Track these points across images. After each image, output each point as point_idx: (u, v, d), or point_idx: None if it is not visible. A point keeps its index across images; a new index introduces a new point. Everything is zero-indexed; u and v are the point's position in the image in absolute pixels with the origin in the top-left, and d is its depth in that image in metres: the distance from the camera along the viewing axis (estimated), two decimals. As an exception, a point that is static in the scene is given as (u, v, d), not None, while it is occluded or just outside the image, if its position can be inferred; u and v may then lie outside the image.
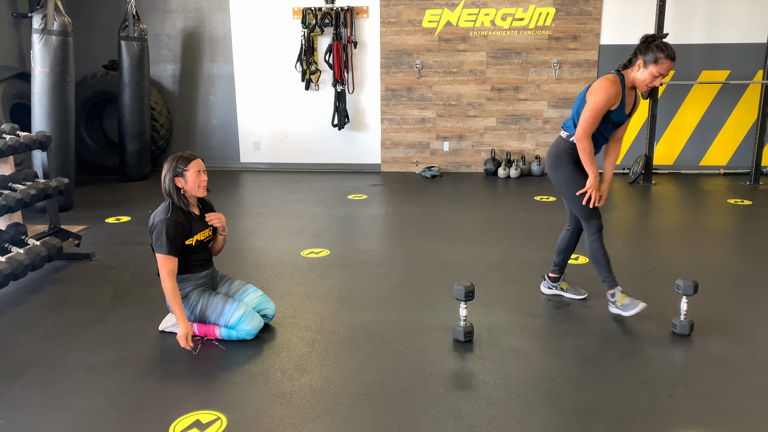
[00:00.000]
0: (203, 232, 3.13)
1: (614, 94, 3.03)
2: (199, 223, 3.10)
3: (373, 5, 6.95)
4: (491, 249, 4.45)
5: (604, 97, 3.03)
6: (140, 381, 2.71)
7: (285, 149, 7.44)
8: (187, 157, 3.05)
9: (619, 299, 3.27)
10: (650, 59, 2.97)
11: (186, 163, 3.02)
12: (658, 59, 2.95)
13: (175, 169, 3.01)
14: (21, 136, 4.14)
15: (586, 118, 3.07)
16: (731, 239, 4.72)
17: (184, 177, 3.01)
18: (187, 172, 3.01)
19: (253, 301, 3.18)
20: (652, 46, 2.98)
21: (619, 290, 3.28)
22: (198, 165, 3.05)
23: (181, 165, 3.01)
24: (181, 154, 3.06)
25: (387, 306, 3.49)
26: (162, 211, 3.01)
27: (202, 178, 3.06)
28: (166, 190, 3.04)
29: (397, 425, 2.38)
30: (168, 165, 3.04)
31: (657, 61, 2.96)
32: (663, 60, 2.95)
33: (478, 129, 7.17)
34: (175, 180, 3.01)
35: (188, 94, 7.45)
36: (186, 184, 3.02)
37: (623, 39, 6.75)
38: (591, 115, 3.06)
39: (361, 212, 5.55)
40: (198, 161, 3.06)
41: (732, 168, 7.02)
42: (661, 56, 2.95)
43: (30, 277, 3.96)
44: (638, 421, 2.39)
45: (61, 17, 5.38)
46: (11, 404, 2.54)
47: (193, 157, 3.05)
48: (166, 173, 3.03)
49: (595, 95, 3.05)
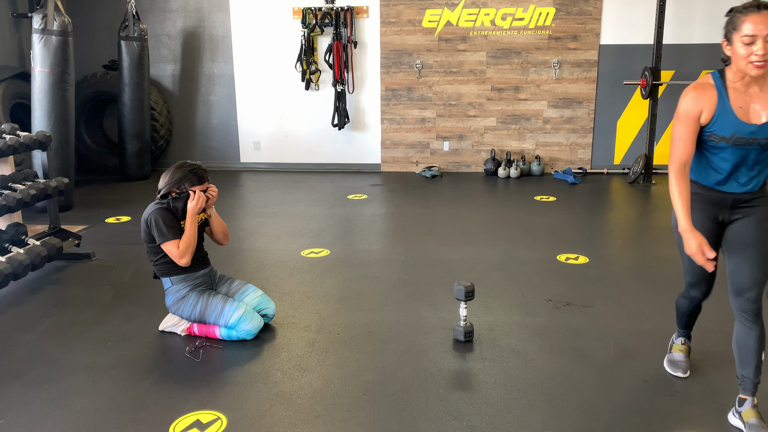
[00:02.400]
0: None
1: (698, 98, 2.14)
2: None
3: (373, 5, 6.95)
4: (491, 249, 4.45)
5: (683, 106, 2.16)
6: (140, 381, 2.71)
7: (285, 149, 7.44)
8: (199, 176, 3.04)
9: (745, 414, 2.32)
10: (729, 30, 2.08)
11: (194, 183, 3.03)
12: (735, 21, 2.04)
13: (182, 183, 3.02)
14: (21, 136, 4.14)
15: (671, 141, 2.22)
16: (731, 239, 4.71)
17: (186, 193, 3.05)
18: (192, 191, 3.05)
19: (253, 301, 3.18)
20: (731, 10, 2.10)
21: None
22: (204, 188, 3.07)
23: (188, 183, 3.02)
24: (195, 171, 3.04)
25: (387, 306, 3.49)
26: (153, 210, 3.05)
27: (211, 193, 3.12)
28: (162, 192, 3.04)
29: (397, 425, 2.38)
30: (177, 174, 3.03)
31: (736, 25, 2.04)
32: (740, 18, 2.02)
33: (478, 129, 7.17)
34: (174, 191, 3.04)
35: (188, 94, 7.44)
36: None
37: (623, 39, 6.75)
38: (673, 136, 2.21)
39: (361, 212, 5.55)
40: (205, 185, 3.07)
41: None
42: (738, 16, 2.03)
43: (30, 277, 3.96)
44: (638, 421, 2.39)
45: (61, 17, 5.38)
46: (11, 404, 2.54)
47: (203, 180, 3.05)
48: (172, 181, 3.02)
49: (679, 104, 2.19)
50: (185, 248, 3.00)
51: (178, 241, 3.00)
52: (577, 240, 4.60)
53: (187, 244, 3.01)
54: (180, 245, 3.00)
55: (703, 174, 2.24)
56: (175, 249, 3.00)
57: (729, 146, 2.14)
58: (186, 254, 3.01)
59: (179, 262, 3.02)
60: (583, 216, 5.33)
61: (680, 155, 2.18)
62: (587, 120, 7.01)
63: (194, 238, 3.04)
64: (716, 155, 2.18)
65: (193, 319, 3.09)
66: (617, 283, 3.79)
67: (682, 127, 2.17)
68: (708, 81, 2.16)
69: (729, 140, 2.13)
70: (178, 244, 3.00)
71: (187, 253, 3.01)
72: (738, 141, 2.12)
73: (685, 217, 2.17)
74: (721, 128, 2.13)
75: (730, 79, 2.13)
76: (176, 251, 3.00)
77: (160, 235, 2.99)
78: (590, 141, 7.07)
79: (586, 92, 6.94)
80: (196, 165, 3.08)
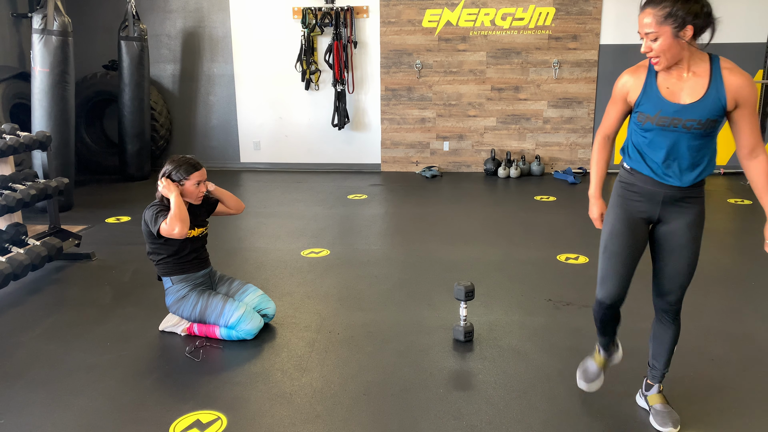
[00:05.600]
0: (195, 229, 3.12)
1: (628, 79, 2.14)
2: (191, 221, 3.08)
3: (373, 5, 6.95)
4: (491, 249, 4.45)
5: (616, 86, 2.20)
6: (140, 381, 2.71)
7: (285, 149, 7.44)
8: (192, 164, 3.02)
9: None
10: None
11: (188, 172, 3.01)
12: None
13: (176, 175, 3.00)
14: (21, 136, 4.14)
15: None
16: (731, 239, 4.72)
17: (183, 185, 3.02)
18: (188, 181, 3.01)
19: (253, 301, 3.18)
20: None
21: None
22: (200, 175, 3.03)
23: (183, 173, 3.00)
24: (187, 160, 3.03)
25: (387, 306, 3.49)
26: (155, 204, 3.03)
27: (201, 189, 3.06)
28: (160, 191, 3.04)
29: (397, 425, 2.38)
30: (170, 167, 3.02)
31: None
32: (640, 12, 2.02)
33: (478, 129, 7.17)
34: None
35: (188, 94, 7.44)
36: (184, 192, 3.03)
37: (623, 39, 6.75)
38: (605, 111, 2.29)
39: (361, 212, 5.55)
40: (201, 172, 3.04)
41: (732, 168, 7.02)
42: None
43: (30, 277, 3.96)
44: (638, 421, 2.39)
45: (60, 17, 5.37)
46: (11, 404, 2.54)
47: (196, 168, 3.03)
48: (166, 174, 3.02)
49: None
50: (173, 218, 2.89)
51: (165, 224, 2.93)
52: (577, 240, 4.60)
53: (174, 214, 2.89)
54: (173, 225, 2.89)
55: (640, 163, 2.16)
56: (165, 225, 2.91)
57: (655, 127, 2.08)
58: (176, 223, 2.87)
59: (174, 234, 2.89)
60: (583, 216, 5.32)
61: (605, 128, 2.28)
62: (587, 120, 7.01)
63: (180, 208, 2.91)
64: (648, 141, 2.12)
65: (193, 319, 3.09)
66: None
67: (612, 104, 2.22)
68: (643, 63, 2.13)
69: (654, 120, 2.07)
70: (169, 227, 2.91)
71: (177, 222, 2.87)
72: (662, 121, 2.06)
73: (596, 185, 2.30)
74: (646, 107, 2.09)
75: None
76: (166, 226, 2.91)
77: (154, 224, 2.95)
78: (590, 141, 7.07)
79: (586, 92, 6.94)
80: (184, 157, 3.06)
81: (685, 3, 1.92)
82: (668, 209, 2.17)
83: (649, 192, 2.16)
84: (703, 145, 2.09)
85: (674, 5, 1.92)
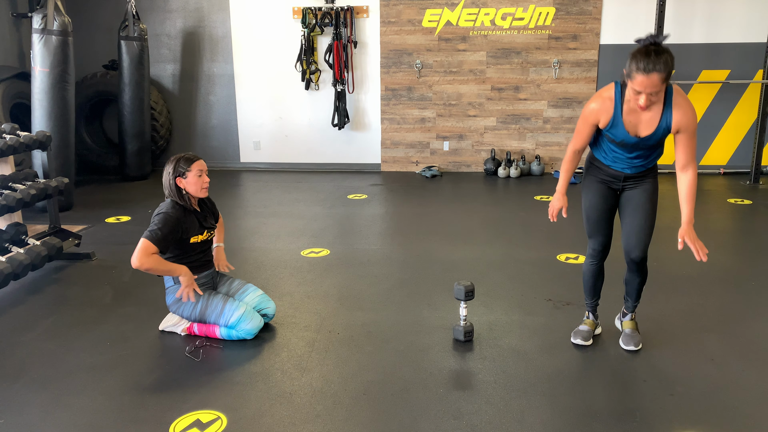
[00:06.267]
0: (204, 233, 3.13)
1: (599, 109, 2.60)
2: (197, 224, 3.10)
3: (373, 5, 6.95)
4: (491, 249, 4.45)
5: (587, 110, 2.65)
6: (140, 381, 2.71)
7: (285, 149, 7.44)
8: (189, 158, 3.06)
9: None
10: (626, 71, 2.42)
11: (188, 164, 3.03)
12: (631, 72, 2.38)
13: (177, 169, 3.02)
14: (21, 135, 4.14)
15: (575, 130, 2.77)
16: (731, 239, 4.72)
17: (186, 178, 3.02)
18: (189, 173, 3.02)
19: (253, 301, 3.18)
20: (632, 53, 2.40)
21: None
22: (200, 166, 3.05)
23: (183, 166, 3.02)
24: (184, 155, 3.07)
25: (387, 306, 3.49)
26: (166, 205, 3.02)
27: (204, 179, 3.07)
28: (168, 190, 3.05)
29: (397, 425, 2.38)
30: (170, 165, 3.04)
31: (630, 74, 2.39)
32: (634, 74, 2.37)
33: (478, 129, 7.17)
34: (176, 180, 3.02)
35: (188, 94, 7.45)
36: (187, 185, 3.03)
37: (623, 39, 6.75)
38: (576, 127, 2.73)
39: (361, 212, 5.55)
40: (200, 162, 3.06)
41: (732, 167, 7.02)
42: (633, 69, 2.37)
43: (30, 277, 3.96)
44: (638, 421, 2.39)
45: (60, 17, 5.37)
46: (11, 404, 2.54)
47: (195, 159, 3.06)
48: (169, 174, 3.03)
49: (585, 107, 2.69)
50: (148, 263, 2.84)
51: (151, 247, 2.85)
52: (577, 240, 4.60)
53: (151, 267, 2.86)
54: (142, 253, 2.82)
55: (603, 156, 2.78)
56: (143, 249, 2.83)
57: (618, 145, 2.68)
58: (142, 264, 2.83)
59: (132, 259, 2.84)
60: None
61: (576, 143, 2.76)
62: (587, 120, 7.00)
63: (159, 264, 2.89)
64: (611, 146, 2.71)
65: (194, 318, 3.09)
66: (617, 282, 3.78)
67: (583, 125, 2.69)
68: (609, 94, 2.60)
69: (618, 143, 2.66)
70: (147, 249, 2.84)
71: (144, 265, 2.83)
72: (624, 143, 2.64)
73: (564, 184, 2.83)
74: (612, 134, 2.64)
75: (626, 96, 2.55)
76: (141, 251, 2.83)
77: (150, 231, 2.89)
78: (590, 141, 7.06)
79: (586, 92, 6.94)
80: (182, 153, 3.08)
81: (670, 57, 2.36)
82: (628, 182, 2.79)
83: (612, 173, 2.79)
84: (653, 151, 2.70)
85: (670, 63, 2.36)
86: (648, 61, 2.33)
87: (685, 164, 2.63)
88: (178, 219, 2.99)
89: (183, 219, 3.02)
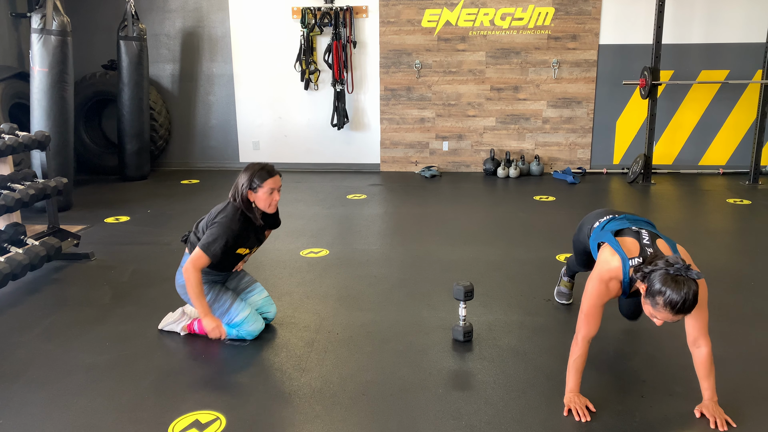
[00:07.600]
0: (253, 248, 3.09)
1: (610, 291, 2.42)
2: (253, 238, 3.04)
3: (372, 5, 6.95)
4: (491, 249, 4.44)
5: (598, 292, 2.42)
6: (140, 381, 2.71)
7: (284, 149, 7.43)
8: (268, 171, 2.92)
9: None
10: (650, 295, 2.18)
11: (263, 179, 2.90)
12: (656, 302, 2.15)
13: (251, 182, 2.90)
14: (20, 135, 4.14)
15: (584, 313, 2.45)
16: (730, 239, 4.72)
17: (257, 192, 2.91)
18: (261, 189, 2.90)
19: (256, 303, 3.19)
20: (655, 276, 2.16)
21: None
22: (273, 184, 2.92)
23: (257, 180, 2.89)
24: (263, 167, 2.93)
25: (386, 306, 3.49)
26: (231, 214, 2.91)
27: (275, 197, 2.94)
28: (238, 199, 2.93)
29: (396, 425, 2.38)
30: (246, 175, 2.92)
31: (655, 304, 2.16)
32: (660, 308, 2.15)
33: (477, 129, 7.17)
34: (248, 193, 2.92)
35: (187, 94, 7.44)
36: (257, 200, 2.93)
37: (623, 39, 6.75)
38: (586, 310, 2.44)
39: (361, 212, 5.55)
40: (275, 180, 2.92)
41: (731, 167, 7.02)
42: (660, 301, 2.14)
43: (29, 277, 3.95)
44: (638, 421, 2.39)
45: (59, 17, 5.37)
46: (10, 404, 2.54)
47: (271, 174, 2.92)
48: (242, 184, 2.91)
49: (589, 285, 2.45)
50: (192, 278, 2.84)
51: (206, 260, 2.84)
52: (577, 240, 4.59)
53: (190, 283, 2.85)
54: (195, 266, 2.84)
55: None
56: (198, 260, 2.83)
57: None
58: (189, 278, 2.84)
59: (184, 268, 2.86)
60: (583, 216, 5.32)
61: (590, 331, 2.44)
62: (586, 120, 7.01)
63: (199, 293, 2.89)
64: None
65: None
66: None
67: (595, 308, 2.42)
68: (617, 275, 2.38)
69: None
70: (201, 262, 2.84)
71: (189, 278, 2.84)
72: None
73: (575, 384, 2.48)
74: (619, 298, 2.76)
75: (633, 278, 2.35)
76: (195, 263, 2.83)
77: (206, 244, 2.84)
78: (589, 141, 7.07)
79: (586, 92, 6.94)
80: (261, 164, 2.97)
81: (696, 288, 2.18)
82: None
83: None
84: None
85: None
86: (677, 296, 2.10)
87: (696, 338, 2.38)
88: (237, 234, 2.91)
89: (242, 233, 2.94)
